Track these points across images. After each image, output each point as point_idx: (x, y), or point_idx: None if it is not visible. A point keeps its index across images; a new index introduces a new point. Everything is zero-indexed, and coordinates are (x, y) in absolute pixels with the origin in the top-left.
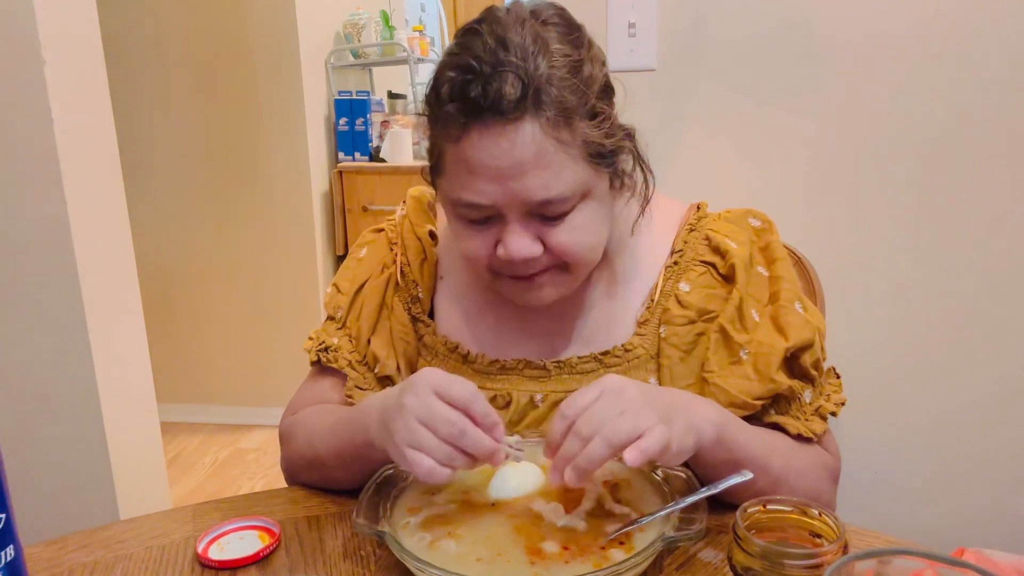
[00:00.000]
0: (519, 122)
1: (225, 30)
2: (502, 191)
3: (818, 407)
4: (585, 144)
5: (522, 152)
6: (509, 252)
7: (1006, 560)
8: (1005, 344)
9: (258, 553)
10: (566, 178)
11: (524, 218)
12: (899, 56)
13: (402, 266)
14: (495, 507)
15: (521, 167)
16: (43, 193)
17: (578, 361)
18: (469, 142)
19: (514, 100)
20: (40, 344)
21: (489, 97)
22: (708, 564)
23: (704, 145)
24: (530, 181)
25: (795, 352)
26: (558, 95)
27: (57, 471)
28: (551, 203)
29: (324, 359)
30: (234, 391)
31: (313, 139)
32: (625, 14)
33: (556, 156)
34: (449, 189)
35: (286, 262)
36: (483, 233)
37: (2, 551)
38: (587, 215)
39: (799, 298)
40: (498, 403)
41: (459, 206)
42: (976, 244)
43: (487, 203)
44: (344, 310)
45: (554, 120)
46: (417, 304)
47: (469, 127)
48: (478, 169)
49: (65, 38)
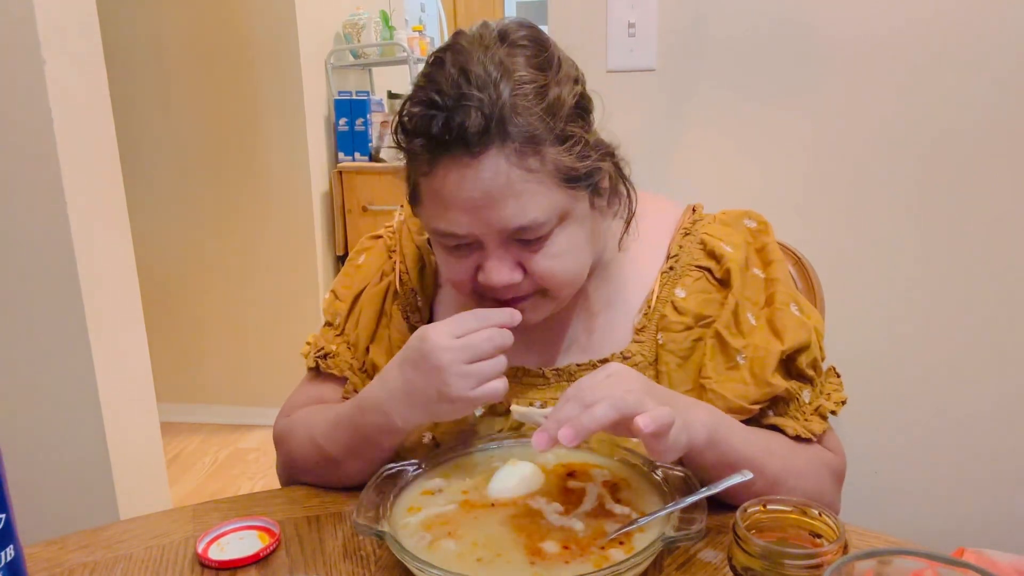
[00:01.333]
0: (484, 154)
1: (225, 30)
2: (476, 221)
3: (818, 407)
4: (557, 170)
5: (490, 183)
6: (490, 279)
7: (1006, 560)
8: (1006, 344)
9: (258, 553)
10: (539, 204)
11: (503, 245)
12: (900, 56)
13: (401, 274)
14: (495, 507)
15: (491, 197)
16: (43, 193)
17: (576, 369)
18: (438, 176)
19: (477, 133)
20: (40, 344)
21: (452, 132)
22: (708, 564)
23: (704, 145)
24: (502, 211)
25: (791, 354)
26: (524, 123)
27: (57, 471)
28: (526, 229)
29: (323, 365)
30: (234, 391)
31: (313, 139)
32: (625, 14)
33: (526, 184)
34: (427, 219)
35: (286, 262)
36: (464, 260)
37: (2, 551)
38: (566, 240)
39: (795, 299)
40: (497, 410)
41: (438, 235)
42: (977, 244)
43: (463, 232)
44: (343, 316)
45: (520, 149)
46: (416, 313)
47: (436, 161)
48: (450, 201)
49: (65, 38)
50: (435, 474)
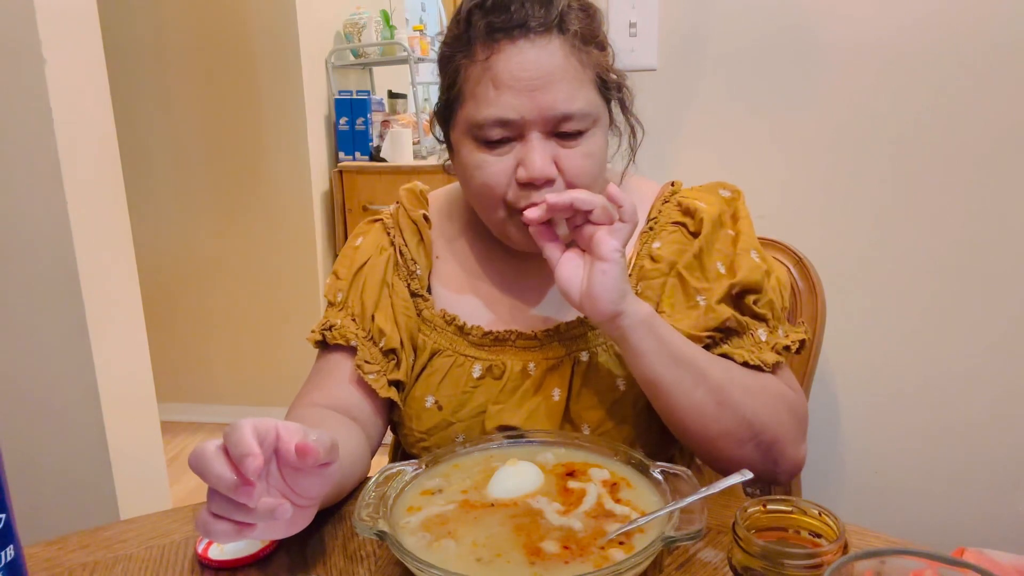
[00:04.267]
0: (547, 36)
1: (225, 30)
2: (529, 104)
3: (773, 344)
4: (598, 71)
5: (549, 64)
6: (531, 170)
7: (1006, 560)
8: (1006, 345)
9: (258, 553)
10: (585, 96)
11: (544, 138)
12: (900, 56)
13: (400, 247)
14: (495, 507)
15: (549, 78)
16: (43, 193)
17: (566, 328)
18: (498, 57)
19: (542, 19)
20: (40, 344)
21: (521, 14)
22: (708, 564)
23: (704, 145)
24: (556, 93)
25: (742, 291)
26: (579, 22)
27: (57, 471)
28: (572, 118)
29: (329, 337)
30: (234, 390)
31: (313, 139)
32: (626, 14)
33: (577, 73)
34: (472, 112)
35: (287, 261)
36: (503, 159)
37: (2, 551)
38: (597, 143)
39: (756, 248)
40: (494, 372)
41: (483, 127)
42: (978, 245)
43: (514, 117)
44: (344, 292)
45: (574, 43)
46: (416, 280)
47: (499, 42)
48: (507, 82)
49: (65, 38)
50: (435, 474)
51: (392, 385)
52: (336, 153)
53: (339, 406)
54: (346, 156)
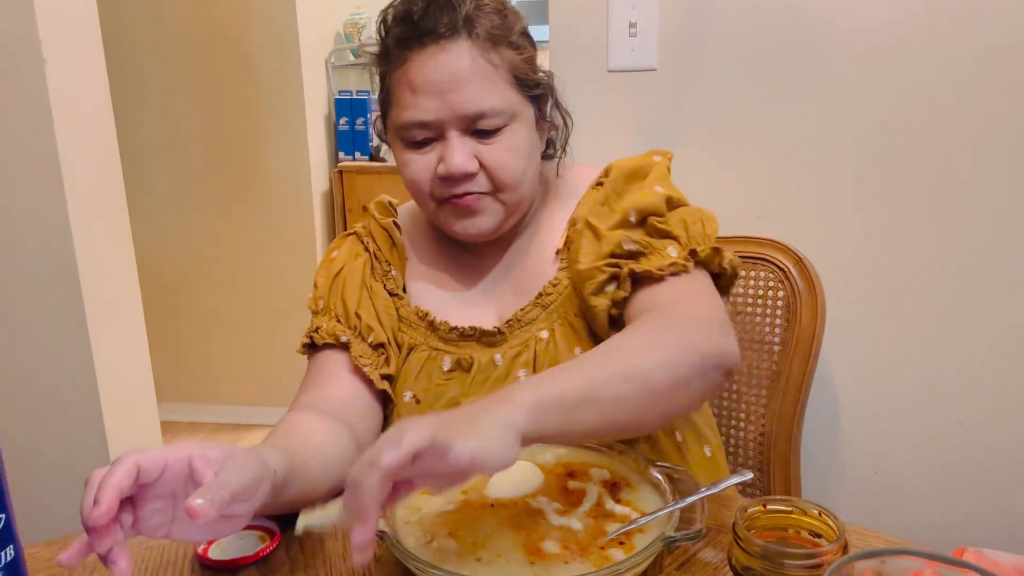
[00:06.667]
0: (455, 40)
1: (225, 30)
2: (443, 105)
3: (684, 257)
4: (511, 71)
5: (458, 66)
6: (449, 165)
7: (1006, 560)
8: (1006, 344)
9: (258, 553)
10: (498, 93)
11: (462, 135)
12: (901, 55)
13: (374, 252)
14: (495, 507)
15: (459, 79)
16: (43, 193)
17: (522, 313)
18: (412, 64)
19: (450, 24)
20: (40, 344)
21: (428, 21)
22: (708, 564)
23: (704, 145)
24: (467, 93)
25: (642, 217)
26: (488, 24)
27: (57, 471)
28: (485, 116)
29: (317, 338)
30: (234, 390)
31: (313, 139)
32: (625, 14)
33: (487, 74)
34: (396, 116)
35: (286, 261)
36: (425, 157)
37: (2, 551)
38: (517, 137)
39: (664, 186)
40: (463, 365)
41: (405, 129)
42: (978, 245)
43: (430, 119)
44: (324, 299)
45: (483, 44)
46: (391, 280)
47: (412, 50)
48: (421, 87)
49: (65, 38)
50: None
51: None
52: (336, 153)
53: (332, 405)
54: (346, 156)
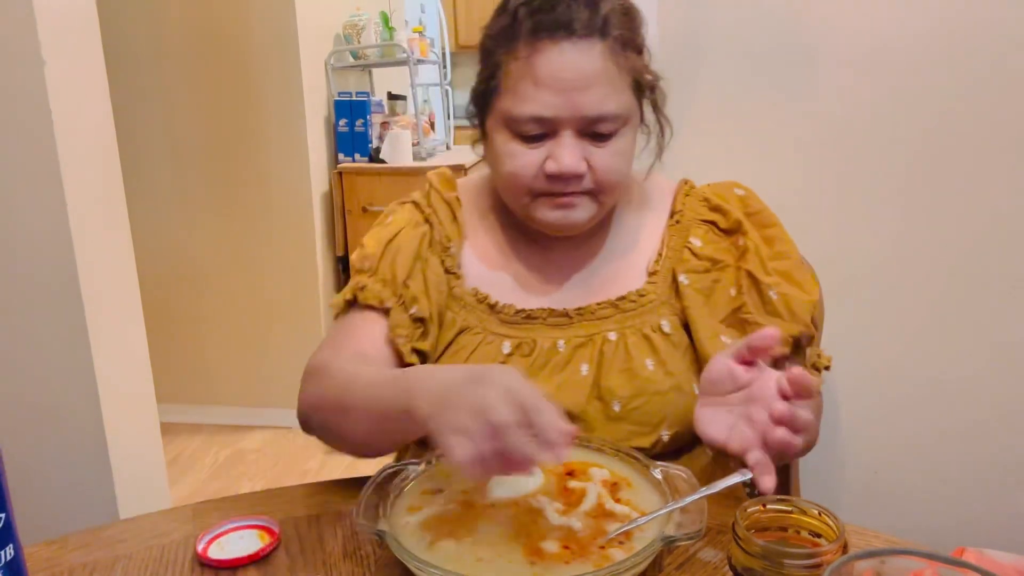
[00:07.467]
0: (589, 40)
1: (225, 31)
2: (565, 103)
3: (813, 361)
4: (633, 75)
5: (589, 67)
6: (560, 165)
7: (1006, 560)
8: (1007, 345)
9: (258, 553)
10: (619, 99)
11: (576, 136)
12: (900, 56)
13: (435, 224)
14: (495, 507)
15: (586, 80)
16: (43, 193)
17: (597, 307)
18: (541, 56)
19: (587, 22)
20: (40, 345)
21: (566, 16)
22: (708, 564)
23: (704, 145)
24: (592, 95)
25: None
26: (621, 27)
27: (57, 471)
28: (605, 120)
29: (361, 297)
30: (234, 391)
31: (313, 140)
32: None
33: (614, 77)
34: (510, 105)
35: (286, 262)
36: (534, 151)
37: (2, 551)
38: (626, 142)
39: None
40: (523, 350)
41: (519, 121)
42: (979, 246)
43: (549, 115)
44: (375, 259)
45: (615, 47)
46: (450, 257)
47: (542, 41)
48: (546, 81)
49: (65, 38)
50: (435, 474)
51: (415, 353)
52: (336, 154)
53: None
54: (346, 157)
